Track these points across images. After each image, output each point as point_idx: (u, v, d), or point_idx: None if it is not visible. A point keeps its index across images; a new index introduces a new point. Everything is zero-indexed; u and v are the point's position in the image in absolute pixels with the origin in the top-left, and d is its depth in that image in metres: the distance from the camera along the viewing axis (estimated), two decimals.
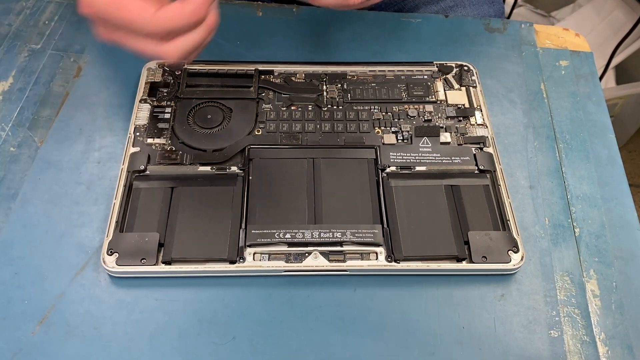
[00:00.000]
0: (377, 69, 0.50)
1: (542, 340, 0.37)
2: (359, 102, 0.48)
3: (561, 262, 0.41)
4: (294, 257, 0.39)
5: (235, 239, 0.39)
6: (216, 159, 0.43)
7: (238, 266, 0.38)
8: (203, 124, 0.45)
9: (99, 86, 0.49)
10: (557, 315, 0.38)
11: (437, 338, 0.37)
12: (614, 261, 0.41)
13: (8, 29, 0.53)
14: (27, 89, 0.49)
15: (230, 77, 0.48)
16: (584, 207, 0.44)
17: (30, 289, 0.38)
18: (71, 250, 0.40)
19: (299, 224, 0.40)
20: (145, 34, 0.34)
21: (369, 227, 0.40)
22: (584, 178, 0.45)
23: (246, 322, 0.37)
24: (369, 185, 0.42)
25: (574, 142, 0.47)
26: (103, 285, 0.38)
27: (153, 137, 0.44)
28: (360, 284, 0.39)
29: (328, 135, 0.45)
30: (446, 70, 0.50)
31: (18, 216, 0.41)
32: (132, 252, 0.38)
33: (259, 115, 0.46)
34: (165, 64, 0.49)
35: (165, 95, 0.47)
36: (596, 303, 0.39)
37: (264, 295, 0.38)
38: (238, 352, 0.36)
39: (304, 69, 0.50)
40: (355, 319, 0.38)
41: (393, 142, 0.45)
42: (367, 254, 0.39)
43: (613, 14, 1.12)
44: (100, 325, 0.37)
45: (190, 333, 0.37)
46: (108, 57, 0.51)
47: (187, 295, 0.38)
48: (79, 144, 0.45)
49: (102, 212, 0.41)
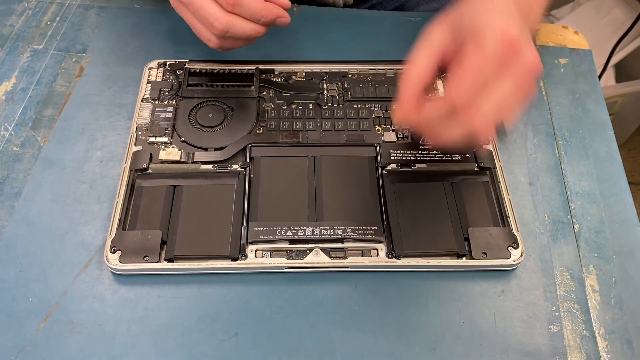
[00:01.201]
0: (377, 67, 0.50)
1: (542, 335, 0.38)
2: (359, 101, 0.48)
3: (561, 257, 0.41)
4: (295, 254, 0.39)
5: (237, 236, 0.39)
6: (218, 157, 0.44)
7: (240, 263, 0.39)
8: (204, 122, 0.46)
9: (101, 86, 0.49)
10: (557, 311, 0.39)
11: (437, 333, 0.37)
12: (613, 257, 0.41)
13: (10, 30, 0.53)
14: (30, 88, 0.49)
15: (231, 76, 0.49)
16: (583, 204, 0.44)
17: (34, 286, 0.38)
18: (74, 248, 0.40)
19: (300, 221, 0.40)
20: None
21: (370, 224, 0.40)
22: (583, 175, 0.46)
23: (248, 319, 0.38)
24: (369, 182, 0.42)
25: (573, 139, 0.48)
26: (106, 283, 0.39)
27: (155, 135, 0.45)
28: (361, 280, 0.39)
29: (328, 133, 0.46)
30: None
31: (22, 215, 0.42)
32: (135, 249, 0.39)
33: (260, 114, 0.47)
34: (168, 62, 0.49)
35: (167, 94, 0.48)
36: (595, 298, 0.39)
37: (266, 291, 0.39)
38: (240, 348, 0.36)
39: (305, 67, 0.50)
40: (357, 315, 0.38)
41: (393, 140, 0.45)
42: (368, 251, 0.40)
43: (612, 12, 1.12)
44: (103, 322, 0.37)
45: (193, 330, 0.37)
46: (110, 57, 0.51)
47: (189, 292, 0.39)
48: (81, 143, 0.46)
49: (105, 211, 0.42)
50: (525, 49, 0.33)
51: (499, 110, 0.33)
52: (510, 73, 0.33)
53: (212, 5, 0.41)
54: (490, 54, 0.33)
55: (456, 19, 0.36)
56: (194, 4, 0.41)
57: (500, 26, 0.33)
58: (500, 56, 0.33)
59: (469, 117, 0.33)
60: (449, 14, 0.36)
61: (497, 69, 0.33)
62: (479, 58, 0.33)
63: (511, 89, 0.33)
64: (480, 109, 0.33)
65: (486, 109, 0.33)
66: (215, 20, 0.41)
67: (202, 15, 0.42)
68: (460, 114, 0.34)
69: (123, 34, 0.53)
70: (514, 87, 0.33)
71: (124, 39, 0.53)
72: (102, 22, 0.54)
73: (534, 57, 0.33)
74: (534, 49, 0.34)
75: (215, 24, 0.41)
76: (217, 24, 0.41)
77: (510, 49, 0.32)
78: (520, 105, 0.34)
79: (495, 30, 0.33)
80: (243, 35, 0.43)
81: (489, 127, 0.33)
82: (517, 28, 0.33)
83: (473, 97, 0.33)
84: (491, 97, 0.33)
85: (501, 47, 0.32)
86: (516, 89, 0.33)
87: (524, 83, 0.33)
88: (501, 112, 0.34)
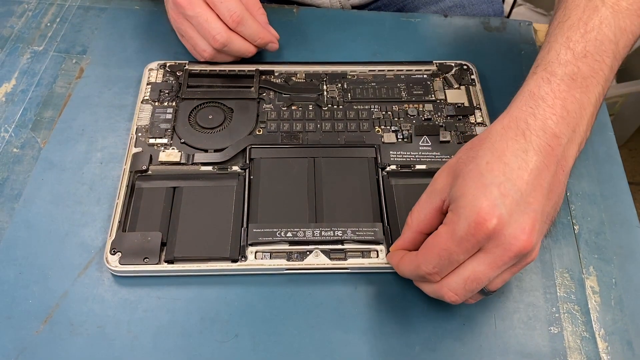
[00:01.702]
0: (377, 68, 0.50)
1: (542, 337, 0.38)
2: (359, 102, 0.48)
3: (561, 259, 0.41)
4: (295, 256, 0.39)
5: (237, 237, 0.39)
6: (217, 158, 0.44)
7: (240, 265, 0.39)
8: (204, 124, 0.46)
9: (101, 87, 0.49)
10: (557, 312, 0.39)
11: (437, 335, 0.37)
12: (613, 258, 0.41)
13: (10, 31, 0.53)
14: (30, 90, 0.49)
15: (231, 78, 0.49)
16: (583, 205, 0.44)
17: (34, 288, 0.38)
18: (74, 250, 0.40)
19: (300, 222, 0.40)
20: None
21: (370, 226, 0.40)
22: (583, 176, 0.45)
23: (248, 320, 0.38)
24: (369, 183, 0.42)
25: None
26: (106, 284, 0.39)
27: (155, 137, 0.45)
28: (361, 281, 0.39)
29: (328, 135, 0.46)
30: (446, 69, 0.50)
31: (22, 216, 0.42)
32: (135, 251, 0.39)
33: (260, 115, 0.47)
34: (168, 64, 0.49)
35: (167, 95, 0.48)
36: (596, 299, 0.39)
37: (266, 293, 0.39)
38: (240, 349, 0.36)
39: (305, 68, 0.50)
40: (357, 316, 0.38)
41: (393, 141, 0.45)
42: (368, 252, 0.40)
43: None
44: (103, 324, 0.37)
45: (192, 331, 0.37)
46: (110, 59, 0.51)
47: (189, 293, 0.39)
48: (81, 145, 0.46)
49: (105, 212, 0.42)
50: (508, 228, 0.30)
51: (467, 286, 0.32)
52: (484, 252, 0.31)
53: (216, 20, 0.45)
54: (459, 237, 0.31)
55: (454, 172, 0.34)
56: (199, 17, 0.45)
57: (477, 208, 0.30)
58: (472, 242, 0.31)
59: (437, 287, 0.33)
60: (453, 162, 0.34)
61: (466, 249, 0.31)
62: (447, 239, 0.32)
63: (482, 268, 0.32)
64: (447, 282, 0.33)
65: (452, 283, 0.33)
66: (217, 34, 0.45)
67: (205, 28, 0.45)
68: (429, 280, 0.34)
69: (123, 35, 0.53)
70: (485, 266, 0.31)
71: (124, 41, 0.53)
72: (102, 24, 0.54)
73: (515, 237, 0.30)
74: (530, 222, 0.31)
75: (217, 37, 0.45)
76: (218, 37, 0.45)
77: (485, 233, 0.30)
78: (498, 280, 0.33)
79: (471, 213, 0.31)
80: (237, 53, 0.47)
81: (456, 299, 0.33)
82: (508, 204, 0.30)
83: (439, 270, 0.33)
84: (459, 273, 0.32)
85: (473, 231, 0.30)
86: (488, 268, 0.31)
87: (498, 263, 0.31)
88: (470, 288, 0.32)
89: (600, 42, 0.35)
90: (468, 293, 0.33)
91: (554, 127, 0.32)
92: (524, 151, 0.32)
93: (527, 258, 0.32)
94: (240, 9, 0.45)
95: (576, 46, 0.35)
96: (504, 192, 0.31)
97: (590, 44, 0.35)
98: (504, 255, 0.31)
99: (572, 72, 0.34)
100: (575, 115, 0.33)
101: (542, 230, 0.32)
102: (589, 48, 0.35)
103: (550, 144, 0.32)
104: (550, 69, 0.34)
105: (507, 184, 0.31)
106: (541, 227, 0.32)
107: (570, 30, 0.35)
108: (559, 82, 0.34)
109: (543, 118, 0.33)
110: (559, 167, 0.33)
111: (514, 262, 0.32)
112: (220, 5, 0.44)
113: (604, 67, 0.35)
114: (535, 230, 0.31)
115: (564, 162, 0.33)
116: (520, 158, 0.31)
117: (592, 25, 0.35)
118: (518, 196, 0.31)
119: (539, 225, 0.32)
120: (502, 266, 0.32)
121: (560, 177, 0.33)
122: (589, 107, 0.34)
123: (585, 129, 0.34)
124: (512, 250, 0.31)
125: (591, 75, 0.34)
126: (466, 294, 0.33)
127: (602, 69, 0.35)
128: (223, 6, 0.44)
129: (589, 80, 0.34)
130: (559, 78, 0.34)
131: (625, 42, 0.36)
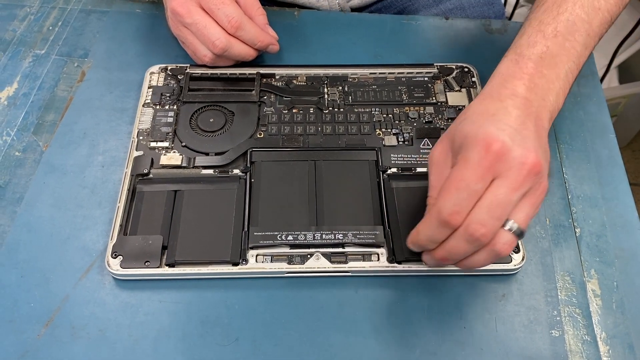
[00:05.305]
0: (377, 71, 0.50)
1: (543, 340, 0.37)
2: (360, 104, 0.48)
3: (562, 262, 0.41)
4: (296, 259, 0.39)
5: (237, 241, 0.39)
6: (218, 162, 0.44)
7: (241, 268, 0.39)
8: (205, 127, 0.46)
9: (102, 91, 0.49)
10: (558, 315, 0.39)
11: (438, 338, 0.37)
12: (614, 261, 0.41)
13: (12, 35, 0.54)
14: (32, 94, 0.49)
15: (232, 81, 0.49)
16: (584, 207, 0.44)
17: (36, 291, 0.38)
18: (76, 253, 0.40)
19: (301, 225, 0.40)
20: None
21: (371, 229, 0.40)
22: (585, 178, 0.45)
23: (249, 324, 0.38)
24: (370, 186, 0.42)
25: (575, 143, 0.48)
26: (107, 288, 0.39)
27: (156, 140, 0.45)
28: (362, 285, 0.39)
29: (329, 138, 0.46)
30: (447, 71, 0.50)
31: (23, 220, 0.42)
32: (136, 254, 0.39)
33: (261, 118, 0.47)
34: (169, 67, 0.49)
35: (168, 99, 0.48)
36: (597, 302, 0.39)
37: (267, 296, 0.39)
38: (241, 353, 0.36)
39: (305, 72, 0.50)
40: (357, 319, 0.38)
41: (394, 143, 0.45)
42: (369, 255, 0.40)
43: None
44: (105, 327, 0.37)
45: (193, 334, 0.37)
46: (111, 62, 0.51)
47: (190, 297, 0.39)
48: (83, 148, 0.46)
49: (106, 215, 0.42)
50: (515, 150, 0.32)
51: (491, 213, 0.32)
52: (499, 177, 0.32)
53: (215, 27, 0.45)
54: (472, 165, 0.32)
55: (452, 136, 0.35)
56: (198, 24, 0.45)
57: (485, 135, 0.32)
58: (485, 166, 0.32)
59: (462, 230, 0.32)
60: (448, 132, 0.35)
61: (483, 177, 0.32)
62: (461, 170, 0.32)
63: (502, 191, 0.32)
64: (471, 217, 0.32)
65: (476, 215, 0.32)
66: (217, 39, 0.45)
67: (204, 35, 0.45)
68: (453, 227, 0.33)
69: (124, 38, 0.53)
70: (504, 189, 0.32)
71: (125, 44, 0.53)
72: (103, 27, 0.54)
73: (524, 155, 0.32)
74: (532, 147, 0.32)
75: (217, 43, 0.45)
76: (218, 43, 0.45)
77: (494, 155, 0.32)
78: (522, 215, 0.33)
79: (480, 140, 0.32)
80: (238, 57, 0.47)
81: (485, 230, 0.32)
82: (508, 133, 0.32)
83: (460, 208, 0.32)
84: (480, 204, 0.32)
85: (485, 156, 0.32)
86: (508, 190, 0.32)
87: (515, 184, 0.32)
88: (496, 214, 0.32)
89: (572, 22, 0.37)
90: (495, 221, 0.32)
91: (523, 93, 0.35)
92: (504, 108, 0.34)
93: (540, 181, 0.33)
94: (239, 13, 0.45)
95: (547, 28, 0.37)
96: (500, 127, 0.33)
97: (562, 24, 0.37)
98: (518, 175, 0.32)
99: (540, 51, 0.36)
100: (543, 87, 0.35)
101: (545, 157, 0.33)
102: (559, 28, 0.37)
103: (524, 103, 0.34)
104: (519, 51, 0.37)
105: (500, 123, 0.33)
106: (543, 155, 0.33)
107: (544, 14, 0.38)
108: (527, 61, 0.36)
109: (512, 87, 0.35)
110: (538, 121, 0.34)
111: (530, 186, 0.32)
112: (217, 11, 0.44)
113: (576, 44, 0.37)
114: (539, 153, 0.33)
115: (539, 121, 0.35)
116: (502, 111, 0.34)
117: (565, 7, 0.38)
118: (513, 130, 0.33)
119: (541, 151, 0.33)
120: (519, 188, 0.32)
121: (541, 131, 0.34)
122: (557, 81, 0.36)
123: (555, 99, 0.36)
124: (525, 169, 0.32)
125: (561, 53, 0.37)
126: (494, 223, 0.32)
127: (574, 47, 0.37)
128: (221, 12, 0.44)
129: (559, 58, 0.36)
130: (526, 58, 0.36)
131: (600, 20, 0.39)
